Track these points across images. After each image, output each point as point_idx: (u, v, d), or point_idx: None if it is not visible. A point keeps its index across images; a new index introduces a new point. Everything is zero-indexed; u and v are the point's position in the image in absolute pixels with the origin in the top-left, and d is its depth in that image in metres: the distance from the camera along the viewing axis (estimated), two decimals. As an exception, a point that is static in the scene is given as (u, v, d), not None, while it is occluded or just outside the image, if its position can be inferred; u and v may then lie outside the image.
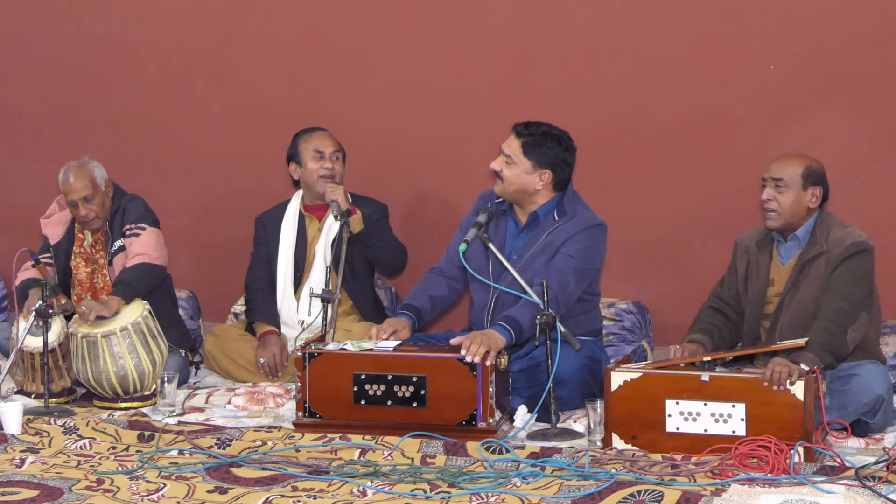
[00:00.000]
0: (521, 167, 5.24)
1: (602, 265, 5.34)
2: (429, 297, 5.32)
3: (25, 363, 5.41)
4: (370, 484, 4.24)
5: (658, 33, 5.94)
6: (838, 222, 4.96)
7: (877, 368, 4.85)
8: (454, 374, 4.77)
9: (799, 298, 4.90)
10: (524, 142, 5.23)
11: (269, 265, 5.96)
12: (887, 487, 4.07)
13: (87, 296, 5.68)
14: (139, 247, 5.59)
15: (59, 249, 5.75)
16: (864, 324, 4.82)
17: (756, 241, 5.09)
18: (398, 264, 5.98)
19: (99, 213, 5.66)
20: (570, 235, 5.18)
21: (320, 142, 5.90)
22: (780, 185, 4.93)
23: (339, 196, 5.72)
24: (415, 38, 6.27)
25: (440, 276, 5.40)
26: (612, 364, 4.79)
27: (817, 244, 4.90)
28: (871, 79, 5.72)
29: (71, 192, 5.63)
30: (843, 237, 4.88)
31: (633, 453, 4.49)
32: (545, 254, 5.19)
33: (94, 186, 5.64)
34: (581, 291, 5.19)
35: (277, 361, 5.72)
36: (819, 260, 4.88)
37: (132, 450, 4.70)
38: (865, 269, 4.87)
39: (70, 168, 5.66)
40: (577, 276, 5.14)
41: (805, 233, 4.96)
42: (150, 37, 6.59)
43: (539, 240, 5.22)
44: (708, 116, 5.93)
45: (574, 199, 5.30)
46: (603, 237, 5.28)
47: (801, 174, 4.92)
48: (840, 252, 4.85)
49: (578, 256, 5.15)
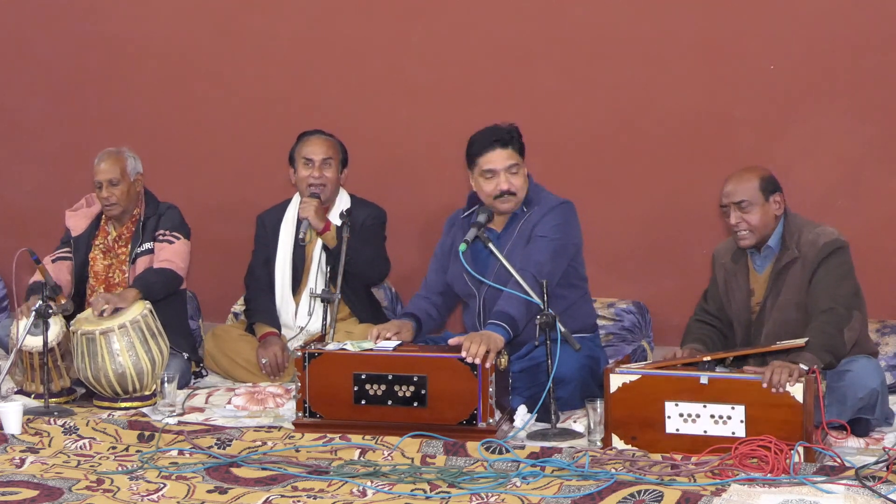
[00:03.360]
0: (523, 169, 5.24)
1: (581, 242, 5.29)
2: (424, 310, 5.32)
3: (24, 363, 5.42)
4: (370, 484, 4.24)
5: (658, 33, 5.95)
6: (807, 223, 4.94)
7: (869, 363, 4.84)
8: (455, 374, 4.77)
9: (780, 306, 4.90)
10: (514, 146, 5.19)
11: (268, 266, 5.96)
12: (887, 487, 4.07)
13: (101, 288, 5.73)
14: (168, 254, 5.71)
15: (80, 241, 5.84)
16: (858, 323, 4.82)
17: (731, 254, 5.08)
18: (374, 277, 5.92)
19: (121, 201, 5.74)
20: (539, 218, 5.18)
21: (311, 148, 5.83)
22: (744, 207, 4.91)
23: (309, 214, 5.67)
24: (415, 38, 6.27)
25: (426, 300, 5.39)
26: (612, 364, 4.79)
27: (789, 250, 4.89)
28: (871, 79, 5.73)
29: (99, 173, 5.74)
30: (814, 238, 4.86)
31: (633, 453, 4.49)
32: (521, 243, 5.18)
33: (122, 173, 5.74)
34: (561, 270, 5.17)
35: (279, 361, 5.72)
36: (794, 266, 4.87)
37: (132, 450, 4.69)
38: (846, 267, 4.86)
39: (106, 151, 5.80)
40: (554, 253, 5.12)
41: (776, 240, 4.95)
42: (150, 37, 6.60)
43: (514, 234, 5.22)
44: (708, 116, 5.93)
45: (537, 188, 5.30)
46: (573, 213, 5.25)
47: (758, 188, 4.91)
48: (815, 254, 4.84)
49: (551, 234, 5.14)
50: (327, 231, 5.68)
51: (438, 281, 5.35)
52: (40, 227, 6.50)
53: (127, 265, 5.77)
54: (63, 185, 6.61)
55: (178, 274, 5.73)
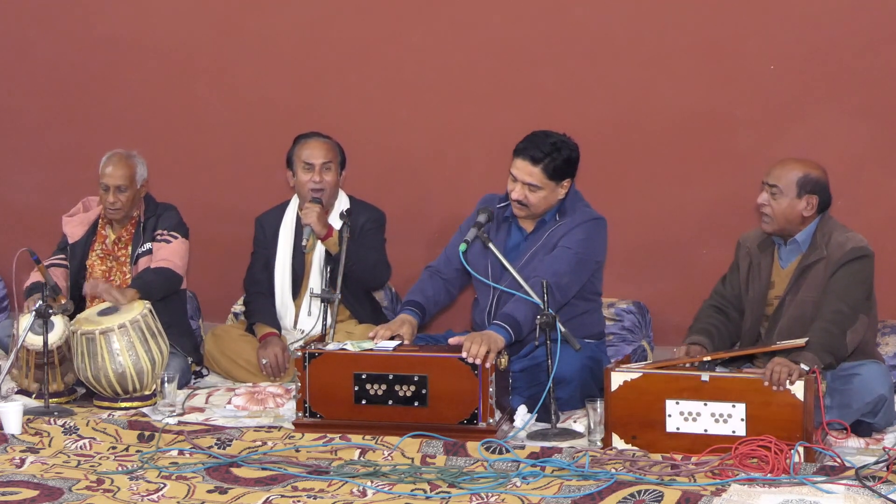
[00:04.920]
0: (547, 189, 5.18)
1: (603, 259, 5.31)
2: (429, 295, 5.31)
3: (21, 359, 5.41)
4: (370, 484, 4.24)
5: (658, 33, 5.95)
6: (839, 227, 4.95)
7: (878, 368, 4.86)
8: (455, 374, 4.77)
9: (798, 302, 4.91)
10: (545, 167, 5.14)
11: (268, 269, 5.95)
12: (887, 487, 4.07)
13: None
14: (166, 253, 5.71)
15: (77, 247, 5.83)
16: (863, 326, 4.82)
17: (758, 242, 5.08)
18: (375, 282, 5.92)
19: (125, 207, 5.74)
20: (568, 230, 5.18)
21: (311, 152, 5.80)
22: (775, 192, 4.92)
23: (312, 220, 5.65)
24: (415, 38, 6.27)
25: (438, 277, 5.38)
26: (613, 364, 4.79)
27: (817, 249, 4.90)
28: (871, 79, 5.73)
29: (107, 177, 5.72)
30: (843, 241, 4.87)
31: (633, 453, 4.49)
32: (545, 251, 5.18)
33: (130, 180, 5.73)
34: (580, 284, 5.17)
35: (280, 362, 5.72)
36: (819, 265, 4.88)
37: (132, 450, 4.69)
38: (865, 274, 4.87)
39: (116, 154, 5.78)
40: (575, 266, 5.11)
41: (805, 238, 4.95)
42: (150, 37, 6.60)
43: (541, 240, 5.22)
44: (708, 116, 5.93)
45: (575, 198, 5.29)
46: (602, 230, 5.26)
47: (796, 182, 4.90)
48: (840, 256, 4.84)
49: (575, 247, 5.13)
50: (330, 237, 5.67)
51: (458, 256, 5.19)
52: (40, 227, 6.49)
53: (128, 266, 5.77)
54: (63, 185, 6.61)
55: (177, 273, 5.72)
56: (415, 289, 5.35)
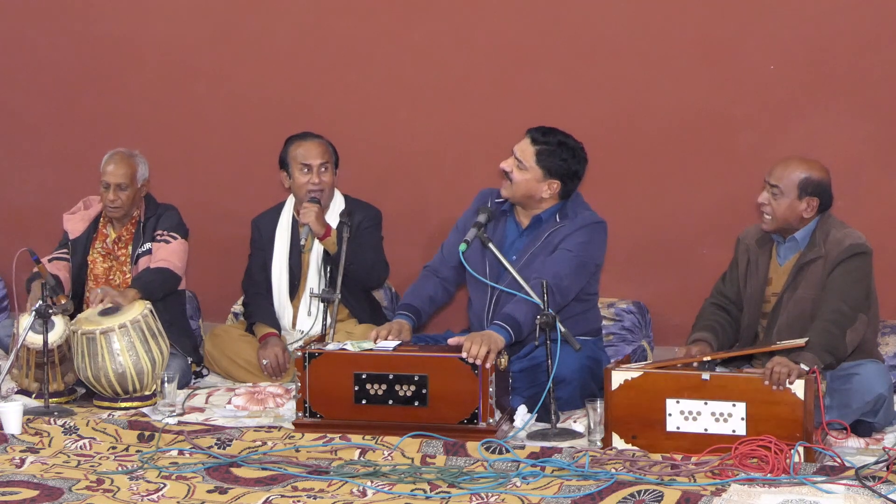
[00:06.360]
0: (532, 174, 5.21)
1: (602, 262, 5.33)
2: (426, 297, 5.32)
3: (22, 358, 5.41)
4: (370, 484, 4.24)
5: (658, 33, 5.95)
6: (838, 224, 4.95)
7: (877, 367, 4.86)
8: (456, 374, 4.77)
9: (797, 299, 4.91)
10: (539, 150, 5.20)
11: (266, 270, 5.94)
12: (887, 487, 4.07)
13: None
14: (166, 253, 5.72)
15: (78, 244, 5.85)
16: (863, 325, 4.83)
17: (756, 238, 5.09)
18: (374, 282, 5.92)
19: (125, 205, 5.76)
20: (569, 233, 5.18)
21: (307, 153, 5.79)
22: (775, 192, 4.92)
23: (311, 220, 5.64)
24: (415, 38, 6.27)
25: (434, 276, 5.39)
26: (613, 364, 4.79)
27: (816, 247, 4.90)
28: (871, 79, 5.73)
29: (108, 175, 5.74)
30: (841, 238, 4.87)
31: (633, 453, 4.49)
32: (545, 253, 5.18)
33: (131, 179, 5.75)
34: (579, 287, 5.18)
35: (280, 362, 5.72)
36: (817, 263, 4.89)
37: (132, 450, 4.69)
38: (863, 272, 4.87)
39: (118, 152, 5.80)
40: (575, 269, 5.12)
41: (804, 236, 4.95)
42: (150, 37, 6.59)
43: (540, 240, 5.22)
44: (708, 116, 5.93)
45: (577, 201, 5.30)
46: (602, 234, 5.27)
47: (797, 183, 4.91)
48: (838, 253, 4.84)
49: (576, 250, 5.14)
50: (328, 237, 5.67)
51: (455, 254, 5.22)
52: (40, 227, 6.50)
53: (128, 266, 5.79)
54: (63, 185, 6.61)
55: (176, 273, 5.73)
56: (411, 291, 5.37)
